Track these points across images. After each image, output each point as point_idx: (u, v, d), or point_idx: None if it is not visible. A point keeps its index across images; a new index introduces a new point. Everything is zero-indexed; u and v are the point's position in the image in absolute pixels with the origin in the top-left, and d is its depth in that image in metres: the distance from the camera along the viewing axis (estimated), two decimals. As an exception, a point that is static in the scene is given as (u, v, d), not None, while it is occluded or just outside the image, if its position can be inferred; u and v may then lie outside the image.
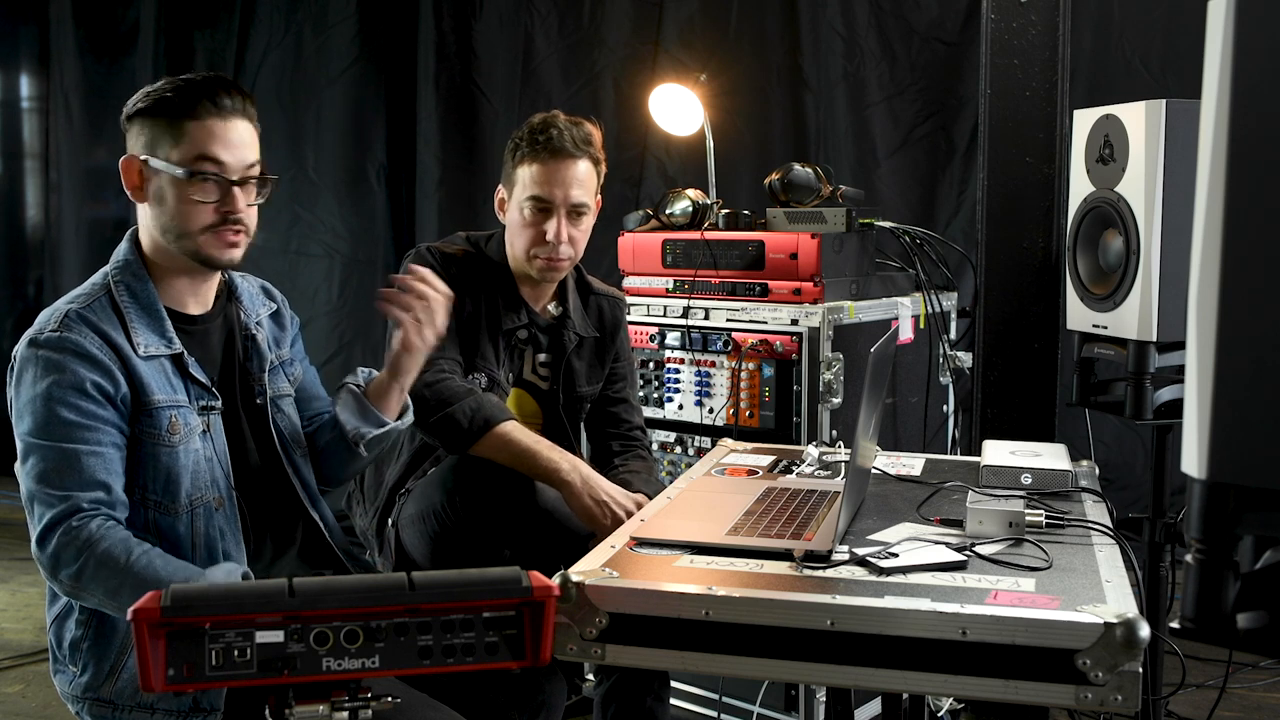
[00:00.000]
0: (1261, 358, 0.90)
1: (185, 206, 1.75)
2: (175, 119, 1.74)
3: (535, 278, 2.38)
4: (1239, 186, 0.90)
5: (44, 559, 1.66)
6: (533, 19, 4.77)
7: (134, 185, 1.78)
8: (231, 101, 1.76)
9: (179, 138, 1.73)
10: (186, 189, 1.74)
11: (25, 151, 5.95)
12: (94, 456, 1.67)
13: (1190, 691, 2.93)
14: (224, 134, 1.75)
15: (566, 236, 2.33)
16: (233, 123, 1.76)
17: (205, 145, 1.73)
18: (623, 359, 2.57)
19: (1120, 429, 4.00)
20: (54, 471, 1.66)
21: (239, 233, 1.78)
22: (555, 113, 2.37)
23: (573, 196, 2.32)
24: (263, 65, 5.16)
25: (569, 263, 2.38)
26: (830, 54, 4.33)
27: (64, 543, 1.64)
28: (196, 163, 1.74)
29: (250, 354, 1.92)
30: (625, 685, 2.29)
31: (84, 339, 1.69)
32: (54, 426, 1.66)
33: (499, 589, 1.26)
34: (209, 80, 1.77)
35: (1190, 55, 3.86)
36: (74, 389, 1.67)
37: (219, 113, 1.74)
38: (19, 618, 3.77)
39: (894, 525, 1.76)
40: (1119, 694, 1.30)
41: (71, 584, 1.65)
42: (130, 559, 1.62)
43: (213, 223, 1.76)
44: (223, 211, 1.76)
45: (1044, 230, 2.68)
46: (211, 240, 1.76)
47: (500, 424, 2.18)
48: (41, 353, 1.68)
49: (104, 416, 1.69)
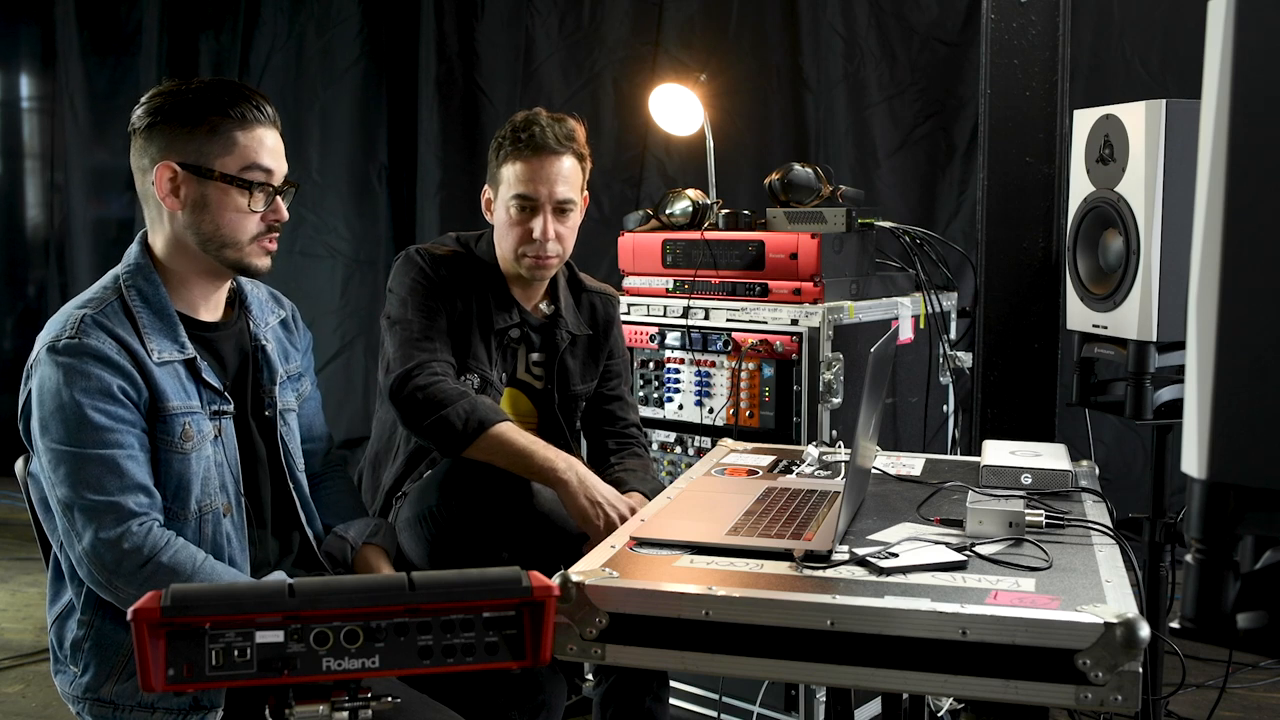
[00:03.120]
0: (1261, 358, 0.90)
1: (235, 215, 1.75)
2: (220, 128, 1.73)
3: (525, 276, 2.37)
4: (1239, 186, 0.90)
5: (100, 569, 1.65)
6: (533, 19, 4.77)
7: (167, 192, 1.75)
8: (269, 110, 1.78)
9: (229, 146, 1.73)
10: (239, 198, 1.75)
11: (26, 151, 5.95)
12: (131, 460, 1.67)
13: (1190, 691, 2.93)
14: (271, 143, 1.78)
15: (553, 233, 2.32)
16: (272, 132, 1.79)
17: (257, 155, 1.75)
18: (617, 356, 2.57)
19: (1120, 429, 4.00)
20: (93, 478, 1.65)
21: (275, 240, 1.82)
22: (538, 110, 2.36)
23: (557, 193, 2.32)
24: (267, 66, 5.17)
25: (557, 260, 2.37)
26: (830, 54, 4.33)
27: (127, 551, 1.63)
28: (248, 171, 1.75)
29: (261, 366, 1.92)
30: (625, 685, 2.29)
31: (102, 344, 1.68)
32: (87, 433, 1.65)
33: (499, 589, 1.26)
34: (242, 87, 1.77)
35: (1190, 55, 3.86)
36: (101, 394, 1.66)
37: (263, 122, 1.77)
38: (19, 618, 3.77)
39: (894, 525, 1.76)
40: (1119, 694, 1.30)
41: (134, 591, 1.63)
42: (195, 568, 1.65)
43: (259, 232, 1.78)
44: (270, 220, 1.78)
45: (1044, 230, 2.68)
46: (254, 250, 1.79)
47: (495, 425, 2.18)
48: (62, 360, 1.66)
49: (131, 420, 1.69)
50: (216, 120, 1.73)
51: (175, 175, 1.74)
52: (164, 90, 1.77)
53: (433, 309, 2.29)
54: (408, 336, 2.26)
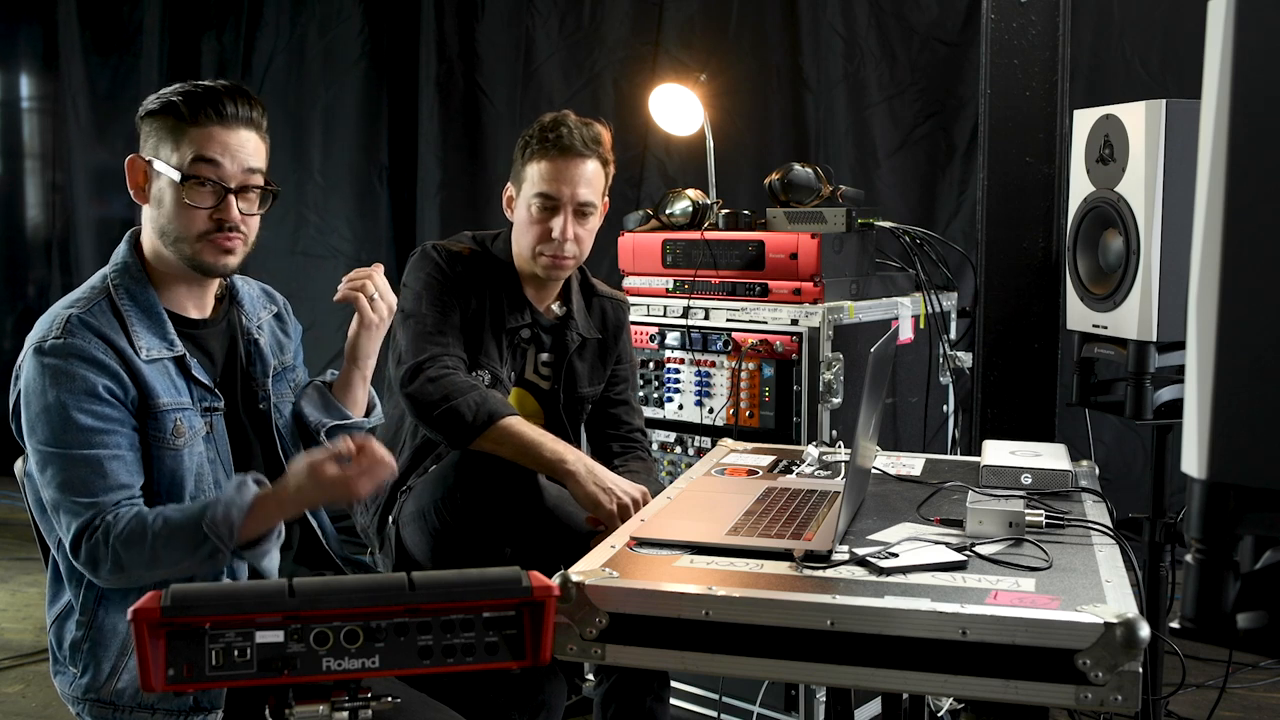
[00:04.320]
0: (1261, 358, 0.90)
1: (181, 210, 1.74)
2: (179, 122, 1.73)
3: (540, 276, 2.38)
4: (1239, 186, 0.90)
5: (83, 566, 1.67)
6: (533, 19, 4.77)
7: (137, 185, 1.78)
8: (238, 109, 1.75)
9: (179, 141, 1.73)
10: (182, 192, 1.74)
11: (26, 151, 5.95)
12: (115, 460, 1.68)
13: (1190, 691, 2.93)
14: (224, 140, 1.74)
15: (572, 234, 2.33)
16: (235, 130, 1.75)
17: (203, 149, 1.73)
18: (625, 361, 2.58)
19: (1120, 429, 4.00)
20: (78, 479, 1.66)
21: (234, 240, 1.77)
22: (566, 112, 2.37)
23: (580, 195, 2.32)
24: (269, 67, 5.17)
25: (574, 261, 2.38)
26: (830, 54, 4.33)
27: (93, 545, 1.65)
28: (193, 166, 1.73)
29: (253, 359, 1.92)
30: (625, 685, 2.29)
31: (88, 344, 1.68)
32: (71, 434, 1.66)
33: (499, 589, 1.26)
34: (221, 88, 1.76)
35: (1190, 55, 3.86)
36: (86, 394, 1.66)
37: (221, 120, 1.74)
38: (19, 618, 3.77)
39: (894, 525, 1.76)
40: (1119, 694, 1.30)
41: (117, 577, 1.67)
42: (149, 525, 1.65)
43: (207, 229, 1.75)
44: (216, 219, 1.75)
45: (1044, 230, 2.68)
46: (206, 247, 1.75)
47: (504, 418, 2.18)
48: (48, 360, 1.67)
49: (118, 419, 1.69)
50: (179, 116, 1.73)
51: (142, 169, 1.76)
52: (165, 90, 1.78)
53: (447, 304, 2.30)
54: (421, 330, 2.26)
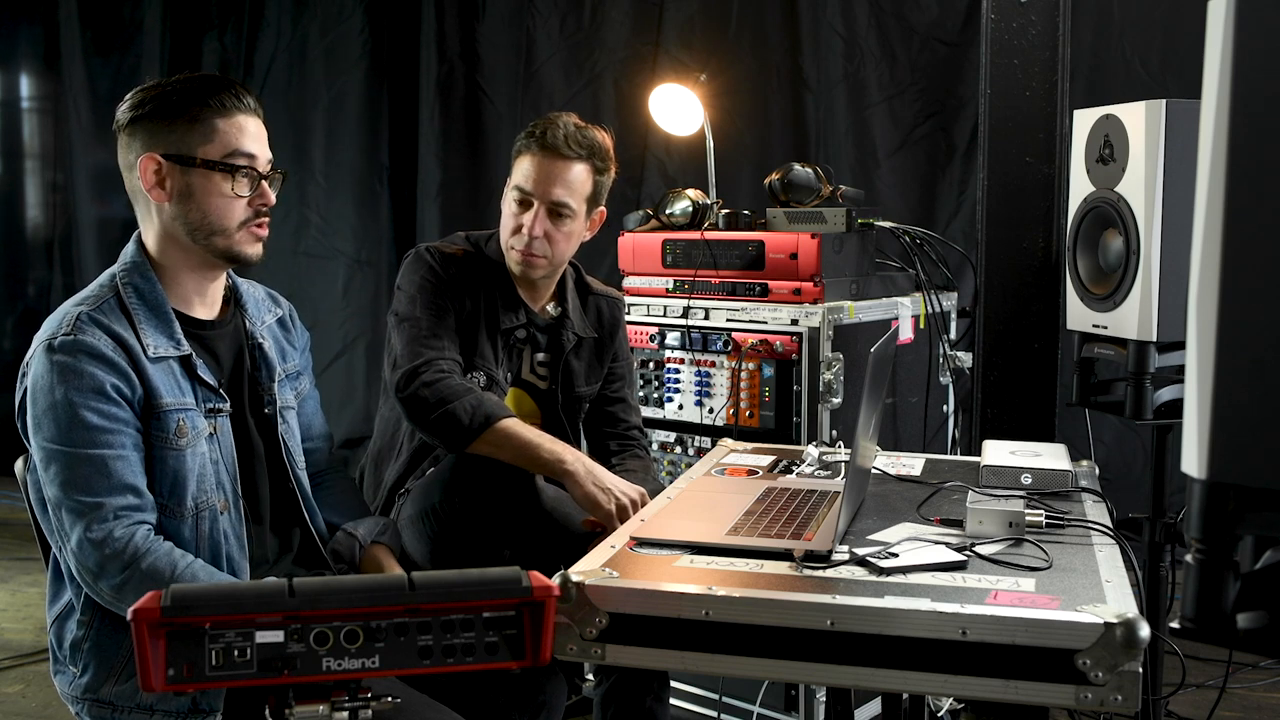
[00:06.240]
0: (1261, 358, 0.90)
1: (220, 201, 1.76)
2: (201, 117, 1.75)
3: (515, 272, 2.37)
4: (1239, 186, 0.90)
5: (84, 570, 1.66)
6: (534, 20, 4.78)
7: (152, 184, 1.76)
8: (250, 99, 1.80)
9: (210, 134, 1.75)
10: (223, 184, 1.76)
11: (26, 151, 5.95)
12: (120, 460, 1.67)
13: (1190, 691, 2.93)
14: (253, 129, 1.79)
15: (541, 232, 2.31)
16: (254, 119, 1.80)
17: (238, 140, 1.76)
18: (621, 359, 2.57)
19: (1120, 429, 4.00)
20: (82, 478, 1.65)
21: (266, 226, 1.82)
22: (568, 114, 2.37)
23: (554, 194, 2.31)
24: (271, 67, 5.17)
25: (545, 261, 2.35)
26: (830, 54, 4.34)
27: (108, 555, 1.63)
28: (231, 157, 1.76)
29: (259, 364, 1.92)
30: (625, 685, 2.29)
31: (98, 341, 1.68)
32: (77, 432, 1.65)
33: (499, 589, 1.26)
34: (222, 79, 1.79)
35: (1190, 55, 3.86)
36: (94, 392, 1.66)
37: (243, 110, 1.78)
38: (19, 618, 3.77)
39: (894, 525, 1.76)
40: (1119, 694, 1.30)
41: (112, 594, 1.65)
42: (175, 574, 1.64)
43: (247, 217, 1.79)
44: (256, 205, 1.79)
45: (1044, 230, 2.68)
46: (244, 236, 1.79)
47: (501, 420, 2.18)
48: (58, 357, 1.67)
49: (124, 418, 1.68)
50: (197, 110, 1.75)
51: (160, 167, 1.75)
52: (145, 87, 1.78)
53: (441, 307, 2.30)
54: (415, 334, 2.26)
